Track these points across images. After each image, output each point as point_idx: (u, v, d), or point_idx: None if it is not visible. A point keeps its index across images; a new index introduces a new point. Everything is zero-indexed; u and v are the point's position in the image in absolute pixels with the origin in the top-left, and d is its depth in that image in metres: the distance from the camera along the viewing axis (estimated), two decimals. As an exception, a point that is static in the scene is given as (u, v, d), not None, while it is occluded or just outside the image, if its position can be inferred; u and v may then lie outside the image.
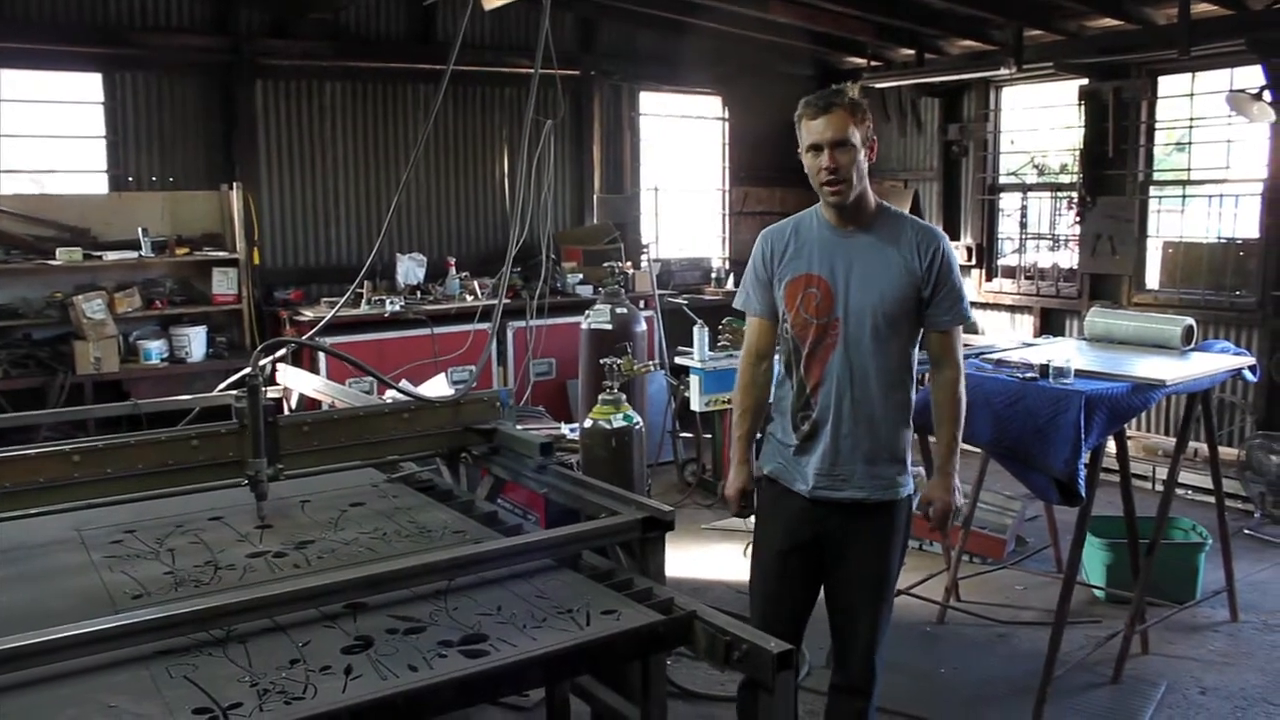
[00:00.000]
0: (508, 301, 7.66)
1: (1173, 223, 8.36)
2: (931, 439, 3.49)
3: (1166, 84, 8.15)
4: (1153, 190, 8.31)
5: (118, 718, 1.95)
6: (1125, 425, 4.34)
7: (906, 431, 3.21)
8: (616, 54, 9.32)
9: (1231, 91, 7.17)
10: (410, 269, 8.13)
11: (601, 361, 5.59)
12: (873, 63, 9.45)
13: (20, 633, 2.14)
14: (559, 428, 6.30)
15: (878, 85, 9.35)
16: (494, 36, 8.61)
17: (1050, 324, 8.81)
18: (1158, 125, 8.25)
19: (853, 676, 3.24)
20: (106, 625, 2.19)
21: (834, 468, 3.15)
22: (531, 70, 3.77)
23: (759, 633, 2.34)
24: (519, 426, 4.35)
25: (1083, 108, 8.36)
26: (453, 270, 8.22)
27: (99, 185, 7.41)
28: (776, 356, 3.35)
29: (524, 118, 4.22)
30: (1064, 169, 9.16)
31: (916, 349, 3.19)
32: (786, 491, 3.26)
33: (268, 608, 2.36)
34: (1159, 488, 6.79)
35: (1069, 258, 8.87)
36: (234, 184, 7.43)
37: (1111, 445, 4.56)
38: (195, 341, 7.19)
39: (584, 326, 7.18)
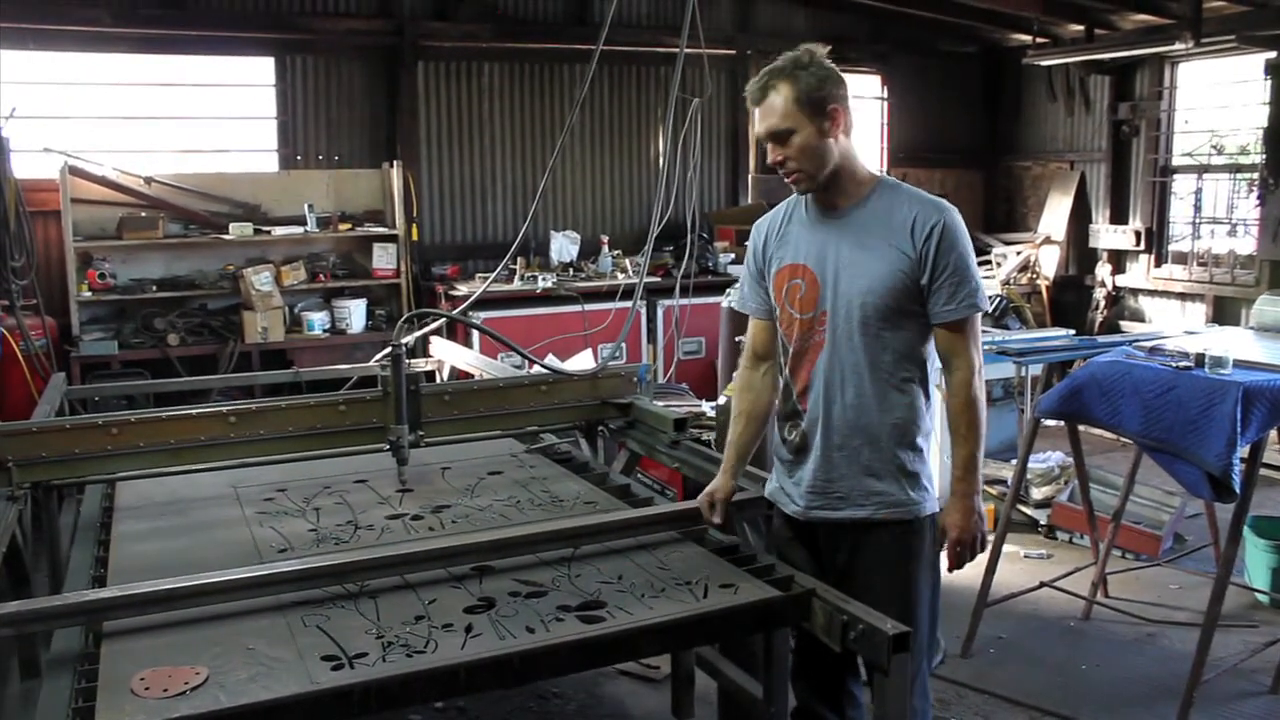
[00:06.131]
0: (657, 280, 7.74)
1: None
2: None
3: (1365, 57, 7.60)
4: (1345, 172, 7.78)
5: (254, 659, 2.09)
6: (1292, 421, 4.10)
7: (920, 441, 2.70)
8: (773, 33, 9.21)
9: None
10: (564, 246, 8.28)
11: (736, 339, 5.59)
12: (1039, 39, 9.08)
13: (174, 577, 2.32)
14: (699, 405, 6.32)
15: (1044, 63, 9.01)
16: (650, 17, 8.67)
17: (1223, 313, 8.35)
18: (1354, 101, 7.72)
19: None
20: (249, 574, 2.35)
21: (828, 484, 2.70)
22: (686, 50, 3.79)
23: (876, 613, 2.33)
24: (660, 403, 4.40)
25: (1269, 83, 7.87)
26: (605, 248, 8.33)
27: (270, 164, 7.79)
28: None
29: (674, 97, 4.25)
30: (1245, 149, 8.66)
31: (930, 344, 2.68)
32: (782, 514, 2.84)
33: (398, 566, 2.48)
34: (1335, 489, 6.40)
35: (1248, 243, 8.40)
36: (395, 162, 7.69)
37: (1276, 441, 4.33)
38: (355, 314, 7.49)
39: (724, 304, 7.19)
